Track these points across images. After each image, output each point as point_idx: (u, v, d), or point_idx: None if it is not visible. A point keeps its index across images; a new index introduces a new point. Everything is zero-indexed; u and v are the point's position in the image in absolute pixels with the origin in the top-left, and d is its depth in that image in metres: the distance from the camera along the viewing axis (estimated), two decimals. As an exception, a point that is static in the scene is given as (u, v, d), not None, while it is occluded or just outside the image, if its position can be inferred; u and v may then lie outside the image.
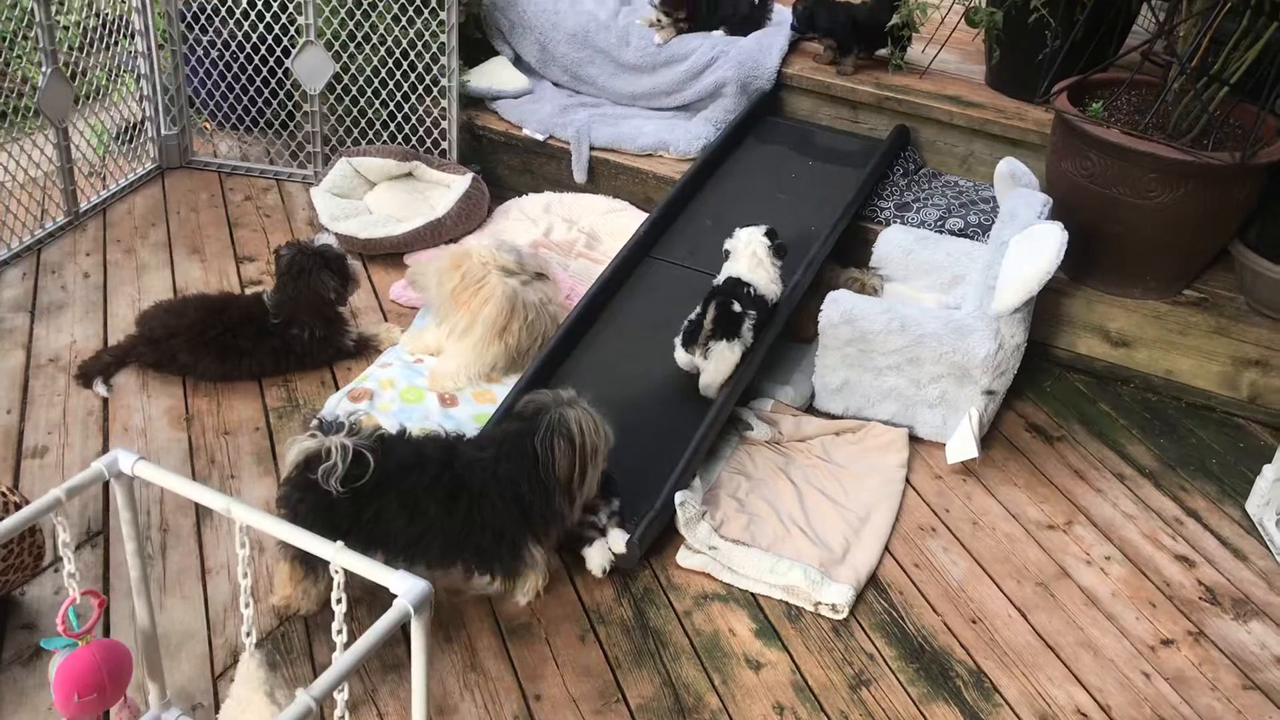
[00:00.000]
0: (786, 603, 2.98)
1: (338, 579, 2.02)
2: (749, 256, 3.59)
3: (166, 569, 2.93)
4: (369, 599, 2.77)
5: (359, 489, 2.59)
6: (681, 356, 3.53)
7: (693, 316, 3.48)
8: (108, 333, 3.82)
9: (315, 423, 2.65)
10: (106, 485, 2.34)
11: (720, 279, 3.60)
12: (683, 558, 3.08)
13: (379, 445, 2.64)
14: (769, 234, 3.62)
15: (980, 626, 2.96)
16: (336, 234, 4.31)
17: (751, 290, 3.51)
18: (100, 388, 3.52)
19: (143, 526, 3.03)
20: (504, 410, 3.33)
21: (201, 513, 3.09)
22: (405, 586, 1.93)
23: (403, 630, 1.96)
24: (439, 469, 2.72)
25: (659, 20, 4.91)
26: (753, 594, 3.00)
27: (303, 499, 2.62)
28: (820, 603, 2.95)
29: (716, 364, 3.43)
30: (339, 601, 2.02)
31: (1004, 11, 4.30)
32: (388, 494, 2.65)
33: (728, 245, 3.67)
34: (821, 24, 4.66)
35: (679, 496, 3.09)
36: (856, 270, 4.08)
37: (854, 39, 4.63)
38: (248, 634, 2.20)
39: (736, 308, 3.43)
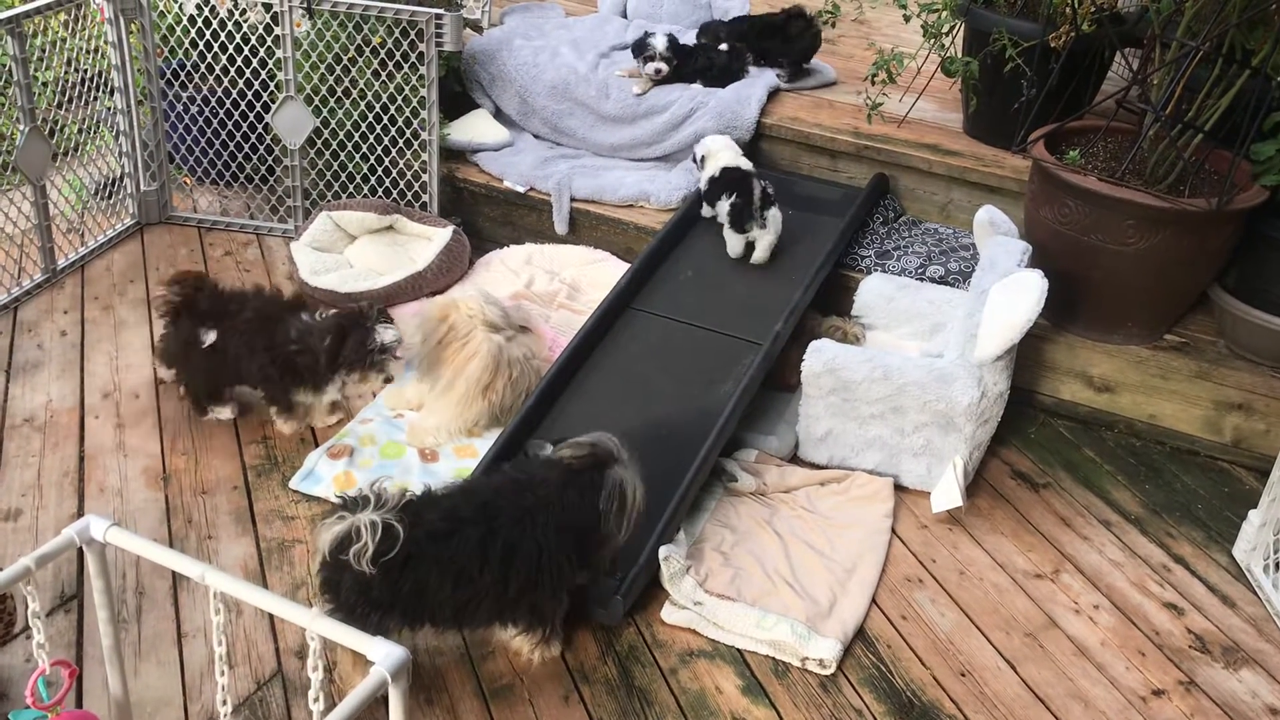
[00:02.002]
0: (773, 658, 2.94)
1: (314, 646, 1.98)
2: (728, 150, 4.33)
3: (142, 633, 2.87)
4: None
5: (390, 562, 2.52)
6: (736, 239, 4.17)
7: (735, 201, 4.10)
8: (84, 392, 3.78)
9: (340, 501, 2.60)
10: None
11: (715, 172, 4.27)
12: (668, 614, 3.04)
13: (406, 515, 2.57)
14: (724, 168, 4.32)
15: (970, 679, 2.92)
16: (316, 287, 4.30)
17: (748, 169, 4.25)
18: (208, 335, 3.53)
19: (118, 589, 2.98)
20: (489, 461, 3.31)
21: (178, 575, 3.03)
22: (382, 654, 1.89)
23: (384, 694, 1.92)
24: (483, 533, 2.64)
25: (640, 74, 4.95)
26: (739, 650, 2.96)
27: (340, 582, 2.56)
28: (807, 658, 2.92)
29: (774, 226, 4.12)
30: (315, 669, 1.98)
31: (980, 61, 4.34)
32: (426, 563, 2.58)
33: (702, 152, 4.39)
34: (722, 34, 5.14)
35: (663, 551, 3.06)
36: (838, 319, 4.08)
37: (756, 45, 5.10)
38: (224, 702, 2.15)
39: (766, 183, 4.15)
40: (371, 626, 2.53)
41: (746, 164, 4.29)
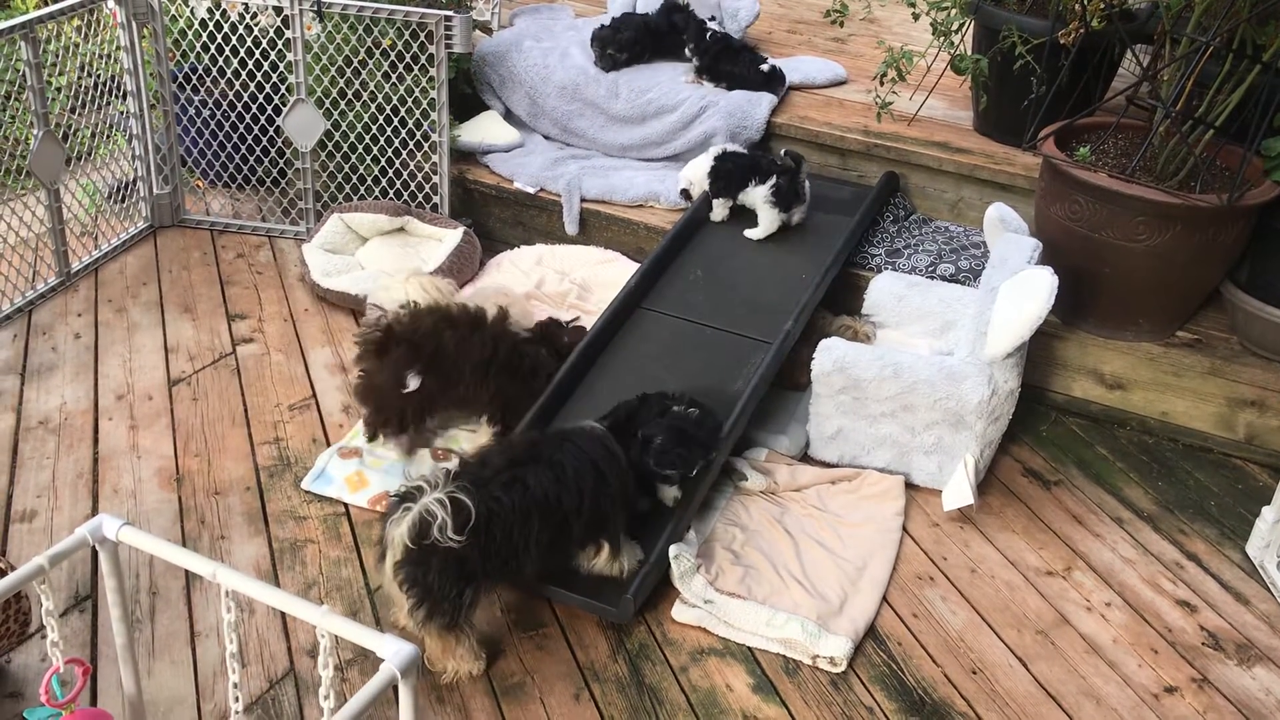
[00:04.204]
0: (784, 656, 2.94)
1: (324, 644, 1.99)
2: (707, 157, 4.36)
3: (155, 632, 2.89)
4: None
5: (475, 526, 2.62)
6: (776, 219, 4.29)
7: (778, 183, 4.22)
8: (98, 394, 3.81)
9: (395, 500, 2.70)
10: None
11: (710, 165, 4.32)
12: (678, 612, 3.05)
13: (465, 481, 2.68)
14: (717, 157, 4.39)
15: (981, 677, 2.92)
16: (329, 289, 4.32)
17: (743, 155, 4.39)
18: (413, 381, 3.41)
19: (131, 589, 3.00)
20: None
21: (191, 575, 3.06)
22: (391, 650, 1.90)
23: (396, 691, 1.93)
24: (547, 467, 2.82)
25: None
26: (750, 648, 2.97)
27: (429, 568, 2.63)
28: (818, 656, 2.92)
29: (807, 197, 4.34)
30: (326, 666, 1.99)
31: (989, 58, 4.34)
32: (507, 513, 2.71)
33: (684, 185, 4.48)
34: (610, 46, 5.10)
35: (673, 549, 3.06)
36: (849, 318, 4.07)
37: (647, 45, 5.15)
38: (236, 700, 2.16)
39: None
40: (466, 604, 2.68)
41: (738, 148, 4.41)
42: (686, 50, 5.03)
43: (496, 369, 3.50)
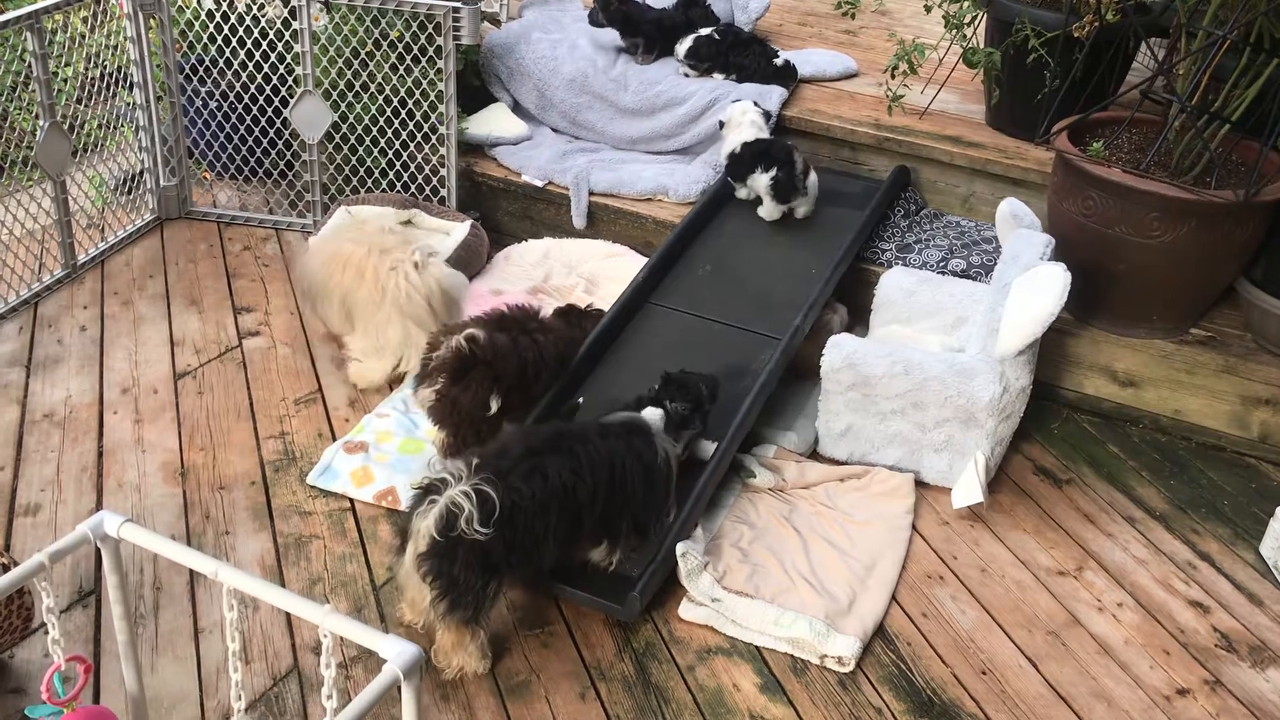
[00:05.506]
0: (792, 656, 2.92)
1: (326, 643, 1.97)
2: (750, 125, 4.33)
3: (159, 628, 2.88)
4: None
5: (500, 519, 2.62)
6: (777, 209, 4.31)
7: (777, 176, 4.20)
8: (104, 387, 3.79)
9: (419, 492, 2.69)
10: (95, 546, 2.30)
11: (736, 146, 4.31)
12: (685, 610, 3.02)
13: (488, 473, 2.66)
14: (756, 105, 4.44)
15: (990, 678, 2.89)
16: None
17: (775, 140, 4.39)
18: (495, 402, 3.34)
19: (135, 584, 2.98)
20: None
21: (195, 571, 3.04)
22: (395, 651, 1.88)
23: (400, 690, 1.91)
24: (566, 456, 2.82)
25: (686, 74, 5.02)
26: (757, 647, 2.94)
27: (454, 560, 2.62)
28: (826, 655, 2.89)
29: (814, 191, 4.31)
30: (328, 666, 1.97)
31: (1002, 52, 4.29)
32: (530, 506, 2.70)
33: (723, 119, 4.44)
34: (629, 23, 5.11)
35: (680, 547, 3.03)
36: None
37: (658, 39, 5.13)
38: (238, 698, 2.15)
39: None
40: (489, 597, 2.69)
41: (766, 135, 4.35)
42: (681, 56, 4.99)
43: (566, 359, 3.61)
